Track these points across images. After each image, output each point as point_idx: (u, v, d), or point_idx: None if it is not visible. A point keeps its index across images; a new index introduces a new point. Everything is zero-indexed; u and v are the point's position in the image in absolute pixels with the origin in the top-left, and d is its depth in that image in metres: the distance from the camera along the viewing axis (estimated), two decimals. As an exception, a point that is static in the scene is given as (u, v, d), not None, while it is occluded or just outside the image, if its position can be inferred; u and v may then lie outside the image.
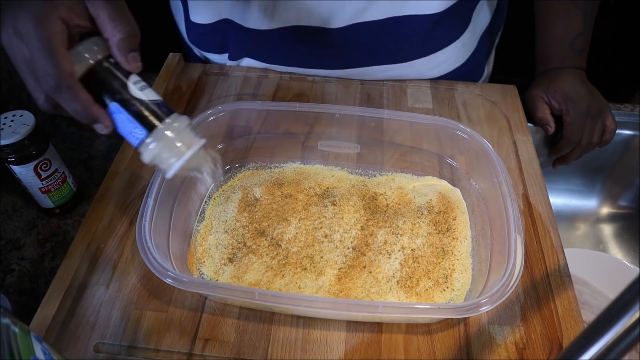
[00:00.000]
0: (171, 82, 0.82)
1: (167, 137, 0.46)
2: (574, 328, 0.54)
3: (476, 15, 0.81)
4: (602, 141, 0.82)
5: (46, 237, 0.69)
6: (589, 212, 0.96)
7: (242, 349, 0.52)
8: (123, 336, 0.53)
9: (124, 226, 0.63)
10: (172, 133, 0.46)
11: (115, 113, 0.45)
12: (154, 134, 0.45)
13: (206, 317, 0.55)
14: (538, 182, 0.69)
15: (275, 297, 0.50)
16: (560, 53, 0.81)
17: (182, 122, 0.47)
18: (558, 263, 0.60)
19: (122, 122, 0.45)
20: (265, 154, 0.71)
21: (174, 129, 0.46)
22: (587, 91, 0.79)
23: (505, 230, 0.54)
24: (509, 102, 0.81)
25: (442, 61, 0.82)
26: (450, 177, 0.69)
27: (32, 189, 0.66)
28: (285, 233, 0.61)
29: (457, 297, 0.57)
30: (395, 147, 0.69)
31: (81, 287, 0.57)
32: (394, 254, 0.59)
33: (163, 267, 0.50)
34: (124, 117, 0.45)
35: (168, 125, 0.46)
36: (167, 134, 0.46)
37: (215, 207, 0.65)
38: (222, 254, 0.60)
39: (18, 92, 0.81)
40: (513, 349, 0.53)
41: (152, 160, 0.47)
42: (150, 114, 0.45)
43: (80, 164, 0.78)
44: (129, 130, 0.45)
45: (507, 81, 0.85)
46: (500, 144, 0.73)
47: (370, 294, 0.56)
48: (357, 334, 0.54)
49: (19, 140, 0.61)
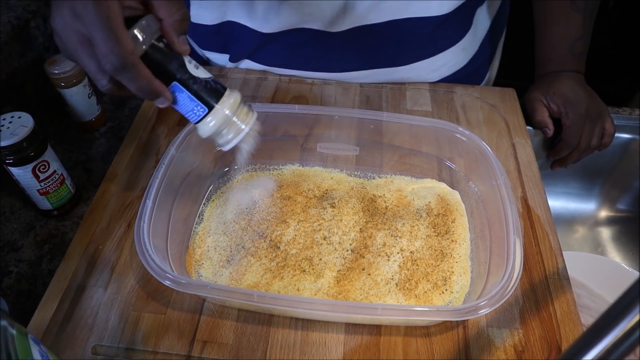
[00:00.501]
0: (170, 84, 0.82)
1: (227, 115, 0.48)
2: (573, 331, 0.54)
3: (477, 19, 0.81)
4: (601, 144, 0.82)
5: (44, 239, 0.68)
6: (587, 215, 0.97)
7: (241, 351, 0.52)
8: (121, 338, 0.53)
9: (123, 228, 0.63)
10: (230, 110, 0.48)
11: (176, 92, 0.47)
12: (214, 112, 0.48)
13: (204, 319, 0.55)
14: (537, 185, 0.69)
15: (274, 299, 0.50)
16: (559, 56, 0.81)
17: (237, 97, 0.49)
18: (557, 266, 0.60)
19: (182, 100, 0.47)
20: (264, 156, 0.71)
21: (231, 105, 0.48)
22: (586, 94, 0.80)
23: (504, 232, 0.54)
24: (508, 105, 0.81)
25: (443, 64, 0.82)
26: (449, 179, 0.69)
27: (30, 190, 0.66)
28: (284, 235, 0.60)
29: (455, 299, 0.57)
30: (394, 149, 0.69)
31: (79, 289, 0.57)
32: (392, 257, 0.59)
33: (161, 268, 0.50)
34: (184, 95, 0.47)
35: (226, 103, 0.48)
36: (226, 111, 0.48)
37: (213, 209, 0.65)
38: (221, 256, 0.59)
39: (16, 93, 0.81)
40: (512, 352, 0.53)
41: (210, 135, 0.50)
42: (209, 91, 0.47)
43: (78, 165, 0.78)
44: (190, 108, 0.48)
45: (506, 85, 0.85)
46: (499, 147, 0.73)
47: (369, 296, 0.56)
48: (356, 336, 0.54)
49: (17, 141, 0.61)
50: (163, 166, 0.58)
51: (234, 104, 0.49)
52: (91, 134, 0.83)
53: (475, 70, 0.88)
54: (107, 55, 0.41)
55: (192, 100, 0.47)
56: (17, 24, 0.75)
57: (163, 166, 0.58)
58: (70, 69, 0.75)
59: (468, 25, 0.81)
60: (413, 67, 0.81)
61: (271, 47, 0.80)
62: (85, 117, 0.81)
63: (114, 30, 0.41)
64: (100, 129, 0.84)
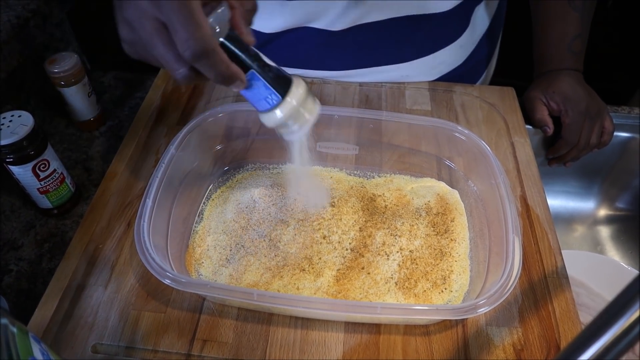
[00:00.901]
0: (170, 83, 0.82)
1: (295, 105, 0.48)
2: (572, 330, 0.54)
3: (475, 17, 0.82)
4: (601, 142, 0.83)
5: (44, 238, 0.69)
6: (586, 214, 0.97)
7: (241, 349, 0.52)
8: (121, 337, 0.53)
9: (123, 227, 0.63)
10: (298, 101, 0.48)
11: (251, 80, 0.46)
12: (284, 102, 0.47)
13: (204, 317, 0.55)
14: (536, 183, 0.69)
15: (273, 297, 0.50)
16: (557, 55, 0.82)
17: (305, 87, 0.49)
18: (556, 265, 0.60)
19: (257, 88, 0.47)
20: (263, 155, 0.71)
21: (300, 95, 0.48)
22: (585, 92, 0.80)
23: (503, 231, 0.54)
24: (507, 104, 0.81)
25: (441, 62, 0.82)
26: (449, 178, 0.69)
27: (30, 189, 0.66)
28: (284, 234, 0.61)
29: (455, 298, 0.57)
30: (393, 148, 0.69)
31: (79, 287, 0.57)
32: (392, 256, 0.59)
33: (161, 267, 0.50)
34: (260, 83, 0.46)
35: (296, 93, 0.48)
36: (294, 102, 0.48)
37: (213, 208, 0.65)
38: (221, 255, 0.60)
39: (16, 92, 0.81)
40: (511, 350, 0.53)
41: (276, 125, 0.49)
42: (281, 80, 0.47)
43: (78, 164, 0.78)
44: (263, 96, 0.47)
45: (505, 84, 0.85)
46: (498, 146, 0.74)
47: (369, 295, 0.56)
48: (355, 335, 0.54)
49: (17, 140, 0.61)
50: (163, 165, 0.59)
51: (303, 94, 0.48)
52: (91, 133, 0.83)
53: (472, 69, 0.88)
54: (188, 40, 0.40)
55: (267, 88, 0.46)
56: (16, 23, 0.75)
57: (163, 165, 0.59)
58: (70, 68, 0.75)
59: (466, 23, 0.81)
60: (412, 64, 0.81)
61: (271, 46, 0.80)
62: (85, 116, 0.81)
63: (195, 15, 0.40)
64: (100, 128, 0.84)
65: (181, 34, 0.40)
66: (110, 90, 0.92)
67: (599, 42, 1.11)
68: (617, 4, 1.48)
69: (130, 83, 0.93)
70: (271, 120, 0.49)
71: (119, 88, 0.92)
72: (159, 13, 0.40)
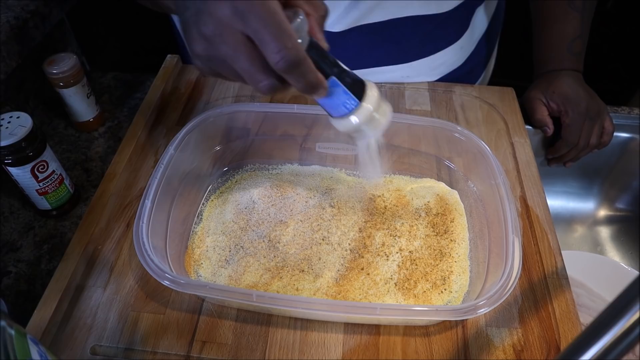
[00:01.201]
0: (169, 84, 0.82)
1: (370, 110, 0.47)
2: (572, 330, 0.54)
3: (474, 18, 0.82)
4: (601, 143, 0.82)
5: (43, 239, 0.68)
6: (586, 214, 0.97)
7: (240, 351, 0.52)
8: (120, 338, 0.53)
9: (121, 228, 0.62)
10: (373, 105, 0.48)
11: (332, 86, 0.46)
12: (360, 108, 0.47)
13: (203, 319, 0.55)
14: (536, 184, 0.69)
15: (273, 299, 0.50)
16: (557, 56, 0.82)
17: (377, 90, 0.48)
18: (556, 265, 0.60)
19: (336, 94, 0.46)
20: (263, 156, 0.71)
21: (375, 100, 0.48)
22: (585, 93, 0.80)
23: (503, 232, 0.54)
24: (506, 104, 0.81)
25: (441, 63, 0.82)
26: (448, 179, 0.69)
27: (29, 190, 0.66)
28: (283, 235, 0.60)
29: (454, 299, 0.57)
30: (393, 149, 0.69)
31: (78, 289, 0.57)
32: (391, 256, 0.59)
33: (160, 269, 0.50)
34: (339, 89, 0.46)
35: (371, 97, 0.47)
36: (370, 106, 0.47)
37: (212, 209, 0.65)
38: (220, 256, 0.59)
39: (15, 93, 0.81)
40: (511, 351, 0.53)
41: (351, 130, 0.49)
42: (357, 85, 0.47)
43: (77, 165, 0.78)
44: (342, 101, 0.47)
45: (505, 84, 0.85)
46: (498, 146, 0.73)
47: (368, 296, 0.56)
48: (355, 336, 0.54)
49: (16, 141, 0.61)
50: (162, 166, 0.58)
51: (377, 97, 0.48)
52: (90, 133, 0.83)
53: (471, 70, 0.88)
54: (282, 51, 0.39)
55: (346, 93, 0.46)
56: (15, 24, 0.75)
57: (162, 166, 0.58)
58: (69, 69, 0.75)
59: (467, 24, 0.81)
60: (413, 65, 0.81)
61: None
62: (83, 117, 0.81)
63: (285, 26, 0.39)
64: (98, 128, 0.84)
65: (273, 46, 0.39)
66: (109, 91, 0.92)
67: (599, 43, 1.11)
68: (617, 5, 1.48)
69: (129, 84, 0.93)
70: (347, 126, 0.48)
71: (118, 89, 0.92)
72: (245, 26, 0.39)
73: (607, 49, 1.49)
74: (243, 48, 0.40)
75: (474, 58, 0.86)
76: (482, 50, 0.88)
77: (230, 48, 0.40)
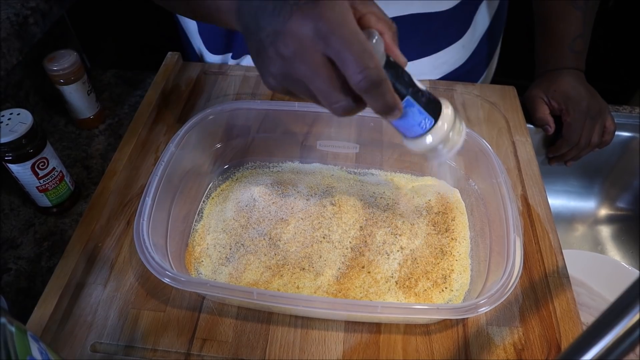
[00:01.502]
0: (170, 81, 0.82)
1: (446, 130, 0.46)
2: (572, 329, 0.54)
3: (476, 17, 0.81)
4: (602, 142, 0.82)
5: (43, 236, 0.68)
6: (587, 213, 0.96)
7: (240, 349, 0.52)
8: (120, 336, 0.53)
9: (122, 225, 0.62)
10: (449, 124, 0.47)
11: (407, 106, 0.45)
12: (435, 128, 0.46)
13: (204, 317, 0.55)
14: (537, 183, 0.69)
15: (273, 297, 0.50)
16: (559, 54, 0.81)
17: (452, 110, 0.47)
18: (557, 264, 0.60)
19: (411, 114, 0.46)
20: (264, 154, 0.71)
21: (449, 118, 0.47)
22: (586, 92, 0.80)
23: (504, 231, 0.54)
24: (508, 103, 0.81)
25: (443, 62, 0.82)
26: (450, 177, 0.69)
27: (29, 187, 0.66)
28: (284, 233, 0.60)
29: (455, 297, 0.57)
30: (394, 147, 0.69)
31: (78, 286, 0.57)
32: (392, 255, 0.59)
33: (161, 266, 0.50)
34: (415, 109, 0.45)
35: (446, 117, 0.46)
36: (445, 126, 0.46)
37: (213, 207, 0.65)
38: (220, 254, 0.59)
39: (15, 90, 0.81)
40: (511, 350, 0.53)
41: (425, 151, 0.48)
42: (433, 104, 0.46)
43: (77, 162, 0.78)
44: (418, 121, 0.46)
45: (507, 83, 0.85)
46: (499, 145, 0.73)
47: (369, 294, 0.56)
48: (356, 335, 0.54)
49: (16, 138, 0.60)
50: (162, 164, 0.58)
51: (452, 116, 0.47)
52: (90, 131, 0.83)
53: (473, 68, 0.88)
54: (364, 71, 0.39)
55: (422, 113, 0.45)
56: (15, 21, 0.75)
57: (162, 164, 0.58)
58: (69, 66, 0.75)
59: (469, 23, 0.81)
60: (415, 64, 0.81)
61: None
62: (84, 114, 0.81)
63: (366, 46, 0.39)
64: (99, 126, 0.84)
65: (355, 66, 0.39)
66: (109, 89, 0.92)
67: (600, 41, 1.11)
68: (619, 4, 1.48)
69: (129, 81, 0.93)
70: (421, 146, 0.47)
71: (118, 86, 0.92)
72: (327, 48, 0.39)
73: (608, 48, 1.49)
74: (322, 69, 0.40)
75: (475, 57, 0.86)
76: (483, 49, 0.87)
77: (309, 69, 0.40)
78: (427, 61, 0.81)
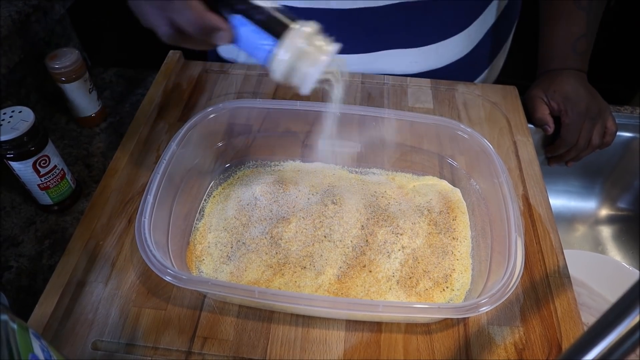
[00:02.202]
0: (171, 80, 0.82)
1: (299, 45, 0.41)
2: (573, 329, 0.54)
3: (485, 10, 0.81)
4: (603, 143, 0.82)
5: (44, 234, 0.68)
6: (588, 213, 0.96)
7: (241, 347, 0.52)
8: (121, 334, 0.53)
9: (123, 223, 0.62)
10: (304, 39, 0.41)
11: (239, 26, 0.41)
12: (284, 43, 0.41)
13: (205, 315, 0.55)
14: (538, 183, 0.69)
15: (274, 295, 0.50)
16: (561, 54, 0.81)
17: (310, 27, 0.42)
18: (558, 264, 0.60)
19: (247, 35, 0.41)
20: (265, 153, 0.71)
21: (305, 34, 0.41)
22: (586, 93, 0.79)
23: (506, 231, 0.54)
24: (509, 102, 0.81)
25: (448, 50, 0.82)
26: (451, 177, 0.69)
27: (30, 185, 0.66)
28: (285, 232, 0.60)
29: (456, 297, 0.57)
30: (395, 146, 0.69)
31: (79, 284, 0.57)
32: (394, 254, 0.59)
33: (162, 264, 0.50)
34: (248, 29, 0.41)
35: (297, 31, 0.41)
36: (299, 41, 0.41)
37: (214, 205, 0.65)
38: (222, 252, 0.59)
39: (17, 88, 0.81)
40: (512, 350, 0.53)
41: (284, 74, 0.43)
42: (277, 21, 0.41)
43: (79, 160, 0.78)
44: (256, 43, 0.42)
45: (508, 83, 0.85)
46: (501, 145, 0.73)
47: (370, 293, 0.56)
48: (357, 334, 0.54)
49: (17, 136, 0.60)
50: (164, 162, 0.58)
51: (310, 32, 0.42)
52: (92, 129, 0.83)
53: (475, 61, 0.87)
54: None
55: (258, 32, 0.41)
56: (17, 19, 0.75)
57: (164, 162, 0.58)
58: (71, 64, 0.75)
59: (477, 13, 0.80)
60: (421, 51, 0.80)
61: None
62: (85, 112, 0.81)
63: None
64: (100, 124, 0.84)
65: None
66: (111, 87, 0.92)
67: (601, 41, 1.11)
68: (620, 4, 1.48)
69: (131, 79, 0.93)
70: (276, 68, 0.43)
71: (120, 84, 0.92)
72: None
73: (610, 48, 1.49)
74: None
75: (480, 48, 0.85)
76: (487, 42, 0.87)
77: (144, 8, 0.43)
78: (432, 48, 0.81)
